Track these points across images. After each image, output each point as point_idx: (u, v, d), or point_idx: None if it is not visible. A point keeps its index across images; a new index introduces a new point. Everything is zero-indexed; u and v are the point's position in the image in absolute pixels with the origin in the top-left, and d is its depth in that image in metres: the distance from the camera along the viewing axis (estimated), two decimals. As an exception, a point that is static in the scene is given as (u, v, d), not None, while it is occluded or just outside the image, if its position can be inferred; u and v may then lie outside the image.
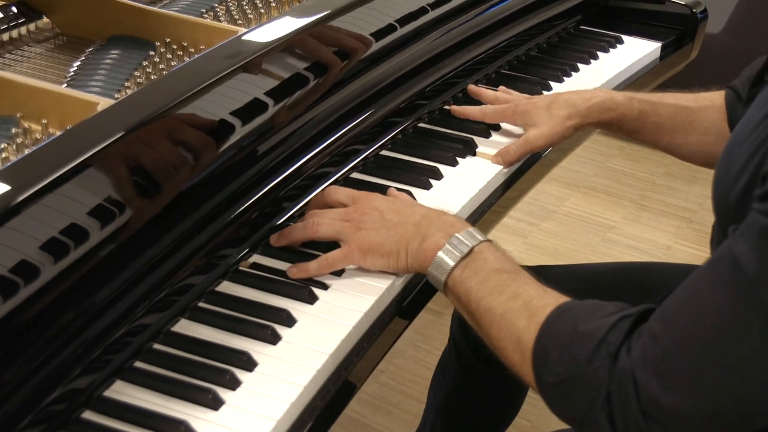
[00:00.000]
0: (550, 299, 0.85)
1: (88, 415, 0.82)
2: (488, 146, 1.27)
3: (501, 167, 1.24)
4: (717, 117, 1.22)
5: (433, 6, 1.36)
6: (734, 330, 0.73)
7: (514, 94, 1.34)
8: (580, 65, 1.56)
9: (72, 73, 1.12)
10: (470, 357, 1.38)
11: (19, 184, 0.80)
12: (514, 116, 1.27)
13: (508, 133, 1.31)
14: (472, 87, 1.37)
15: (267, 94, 1.05)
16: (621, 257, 2.45)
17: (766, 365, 0.72)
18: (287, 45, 1.10)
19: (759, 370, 0.73)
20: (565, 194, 2.77)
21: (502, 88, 1.37)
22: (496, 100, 1.32)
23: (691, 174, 2.87)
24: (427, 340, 2.13)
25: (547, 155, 1.34)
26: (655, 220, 2.67)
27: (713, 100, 1.23)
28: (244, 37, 1.09)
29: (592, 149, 2.98)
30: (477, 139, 1.29)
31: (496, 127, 1.32)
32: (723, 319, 0.73)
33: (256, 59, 1.05)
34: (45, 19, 1.26)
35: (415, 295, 1.03)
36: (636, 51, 1.64)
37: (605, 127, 1.26)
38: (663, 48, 1.68)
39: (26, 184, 0.80)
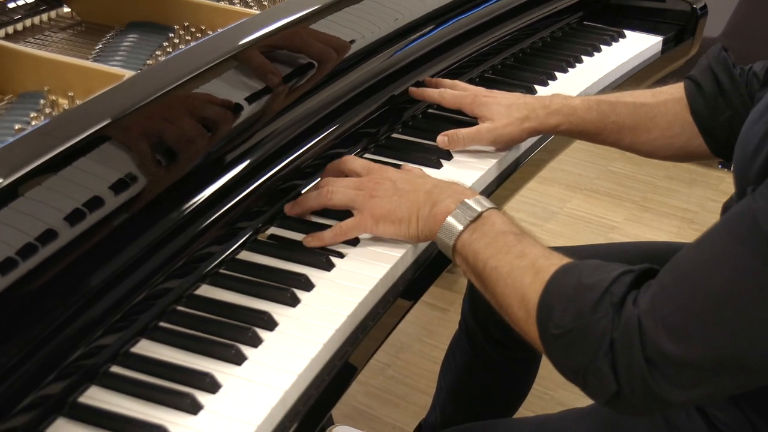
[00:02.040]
0: (556, 259, 0.87)
1: (116, 369, 0.84)
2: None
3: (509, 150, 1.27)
4: (678, 109, 1.21)
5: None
6: (746, 284, 0.74)
7: (472, 86, 1.32)
8: (584, 57, 1.60)
9: (94, 55, 1.16)
10: (480, 339, 1.40)
11: (36, 151, 0.82)
12: (472, 105, 1.26)
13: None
14: (428, 78, 1.35)
15: (278, 74, 1.08)
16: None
17: None
18: (302, 29, 1.14)
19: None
20: (568, 196, 2.81)
21: (458, 81, 1.35)
22: (454, 86, 1.31)
23: (692, 177, 2.91)
24: (432, 335, 2.15)
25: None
26: (657, 221, 2.70)
27: (672, 93, 1.23)
28: (262, 20, 1.12)
29: (593, 153, 3.01)
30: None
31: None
32: (736, 272, 0.75)
33: (275, 41, 1.09)
34: (65, 9, 1.30)
35: (426, 266, 1.06)
36: (638, 44, 1.68)
37: (565, 134, 1.26)
38: (664, 42, 1.72)
39: (42, 152, 0.82)
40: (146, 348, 0.87)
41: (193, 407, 0.80)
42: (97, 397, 0.81)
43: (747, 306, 0.75)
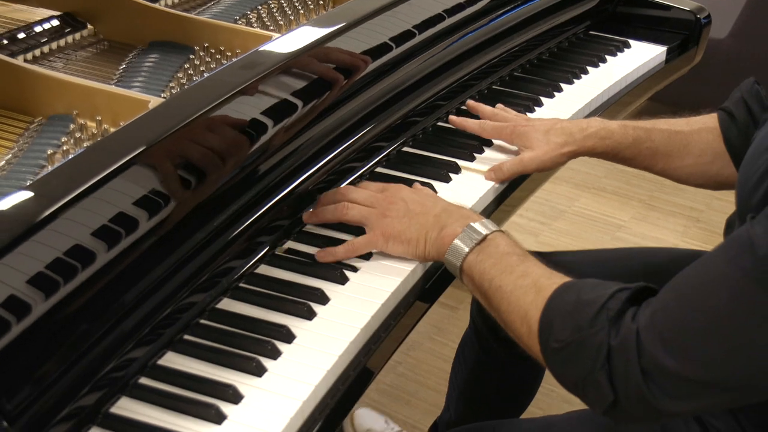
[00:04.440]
0: (557, 279, 0.93)
1: (144, 380, 0.90)
2: (496, 151, 1.35)
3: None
4: (711, 138, 1.25)
5: (451, 13, 1.44)
6: (741, 306, 0.79)
7: (512, 113, 1.37)
8: (589, 68, 1.64)
9: (118, 75, 1.21)
10: (489, 338, 1.45)
11: (75, 180, 0.88)
12: (512, 136, 1.30)
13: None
14: (470, 102, 1.40)
15: (295, 96, 1.14)
16: (630, 255, 2.52)
17: None
18: (317, 52, 1.19)
19: (762, 344, 0.78)
20: (576, 195, 2.85)
21: (500, 106, 1.40)
22: (494, 116, 1.35)
23: (699, 175, 2.95)
24: (442, 333, 2.21)
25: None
26: (663, 219, 2.75)
27: (706, 122, 1.27)
28: (280, 45, 1.17)
29: (601, 152, 3.05)
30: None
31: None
32: (732, 295, 0.79)
33: (293, 64, 1.14)
34: (89, 27, 1.36)
35: (436, 278, 1.11)
36: (643, 54, 1.72)
37: (601, 156, 1.30)
38: (668, 51, 1.76)
39: (80, 180, 0.88)
40: (172, 360, 0.93)
41: (218, 417, 0.86)
42: (127, 407, 0.87)
43: (741, 327, 0.79)
